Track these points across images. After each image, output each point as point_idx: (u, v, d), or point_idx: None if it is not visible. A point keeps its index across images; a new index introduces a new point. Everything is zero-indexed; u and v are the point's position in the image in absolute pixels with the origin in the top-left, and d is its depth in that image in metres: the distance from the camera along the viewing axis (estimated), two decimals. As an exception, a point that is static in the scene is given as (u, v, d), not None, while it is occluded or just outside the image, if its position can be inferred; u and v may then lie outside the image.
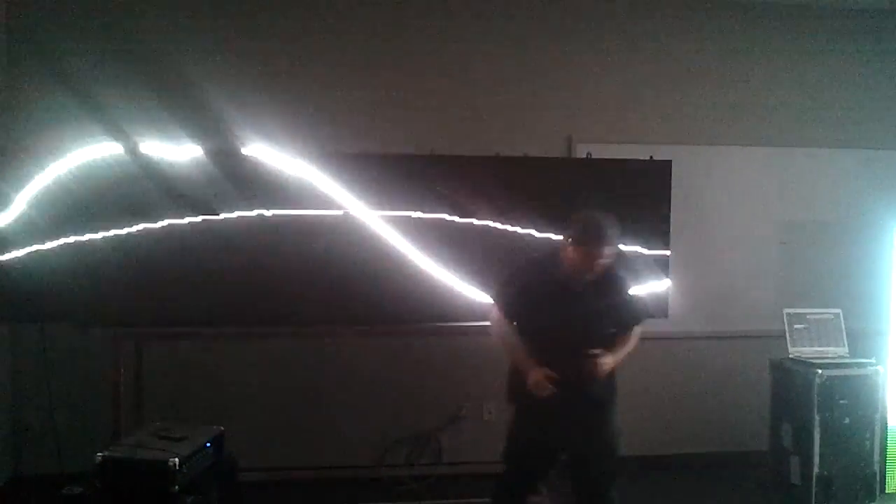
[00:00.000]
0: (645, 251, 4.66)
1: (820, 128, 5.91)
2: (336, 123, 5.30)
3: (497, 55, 5.57)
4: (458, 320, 4.59)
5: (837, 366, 4.98)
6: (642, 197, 4.62)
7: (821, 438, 4.91)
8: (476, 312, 4.51)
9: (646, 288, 4.72)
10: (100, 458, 3.33)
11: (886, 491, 5.15)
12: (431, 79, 5.51)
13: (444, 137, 5.37)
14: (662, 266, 4.66)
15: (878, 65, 5.97)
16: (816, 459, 4.91)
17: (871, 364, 5.03)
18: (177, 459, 3.31)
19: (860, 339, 5.25)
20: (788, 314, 5.19)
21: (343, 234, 4.45)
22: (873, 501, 4.99)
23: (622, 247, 4.34)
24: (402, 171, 4.54)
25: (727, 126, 5.82)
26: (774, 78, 5.87)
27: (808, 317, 5.21)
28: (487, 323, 3.89)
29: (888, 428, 5.16)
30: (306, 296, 4.39)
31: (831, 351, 5.16)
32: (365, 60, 5.44)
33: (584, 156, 4.99)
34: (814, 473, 4.92)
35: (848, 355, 5.15)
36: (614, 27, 5.70)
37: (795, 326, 5.17)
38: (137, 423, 4.27)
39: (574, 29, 5.65)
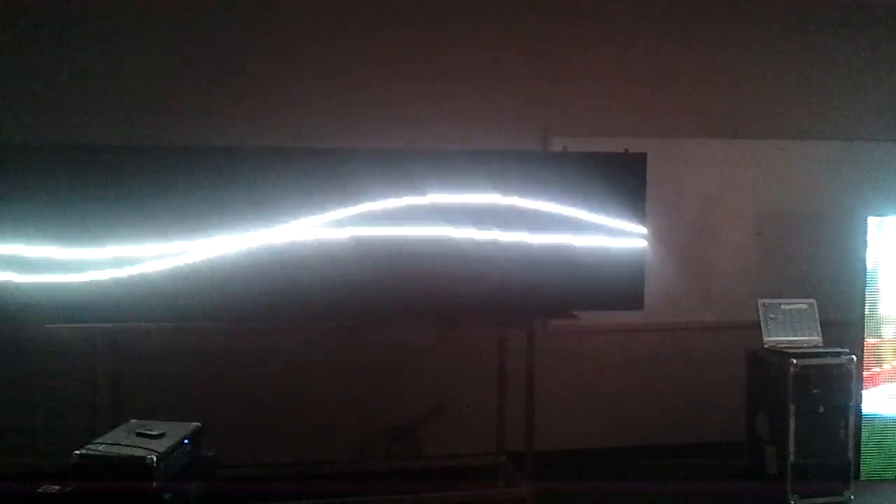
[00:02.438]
0: (621, 243, 4.67)
1: (794, 120, 5.98)
2: (310, 117, 5.31)
3: (473, 49, 5.58)
4: (436, 314, 4.58)
5: (812, 355, 5.04)
6: (618, 189, 4.64)
7: (796, 427, 4.96)
8: (454, 306, 4.53)
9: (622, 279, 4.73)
10: (76, 455, 3.31)
11: (861, 479, 5.22)
12: (406, 72, 5.51)
13: (420, 131, 5.38)
14: (638, 258, 4.68)
15: (852, 57, 6.03)
16: (792, 448, 4.96)
17: (844, 353, 5.08)
18: (154, 456, 3.29)
19: (834, 329, 5.31)
20: (763, 304, 5.24)
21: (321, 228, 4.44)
22: (848, 489, 5.04)
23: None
24: (378, 165, 4.53)
25: (702, 118, 5.87)
26: (749, 70, 5.91)
27: (782, 307, 5.25)
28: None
29: (862, 416, 5.22)
30: (284, 291, 4.37)
31: (806, 340, 5.21)
32: (336, 54, 5.43)
33: (561, 149, 5.00)
34: (789, 462, 4.97)
35: (822, 345, 5.20)
36: (590, 21, 5.72)
37: (770, 316, 5.22)
38: (114, 420, 4.24)
39: (549, 22, 5.67)
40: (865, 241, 5.22)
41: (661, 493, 5.29)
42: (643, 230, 4.67)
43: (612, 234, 4.64)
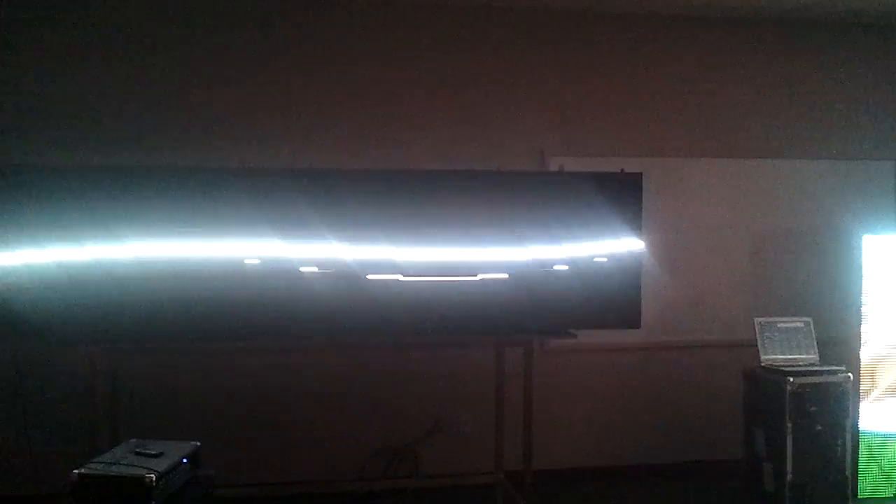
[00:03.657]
0: (618, 262, 4.69)
1: (789, 139, 6.01)
2: (310, 138, 5.36)
3: (470, 70, 5.63)
4: (435, 333, 4.60)
5: (808, 373, 5.04)
6: (615, 209, 4.66)
7: (793, 445, 4.96)
8: (452, 326, 4.55)
9: (618, 299, 4.74)
10: (75, 475, 3.31)
11: (858, 496, 5.21)
12: (403, 94, 5.56)
13: (417, 152, 5.43)
14: (635, 277, 4.70)
15: (845, 77, 6.08)
16: (789, 466, 4.97)
17: (841, 371, 5.09)
18: (153, 475, 3.29)
19: (830, 347, 5.32)
20: (760, 323, 5.25)
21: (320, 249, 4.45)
22: (846, 507, 5.07)
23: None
24: (378, 187, 4.55)
25: (698, 138, 5.91)
26: (744, 90, 5.96)
27: (779, 325, 5.27)
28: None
29: (859, 434, 5.23)
30: (282, 310, 4.38)
31: (802, 359, 5.22)
32: (336, 76, 5.49)
33: (557, 169, 5.03)
34: (787, 480, 4.97)
35: (819, 363, 5.21)
36: (586, 42, 5.77)
37: (767, 335, 5.23)
38: (113, 440, 4.25)
39: (546, 43, 5.72)
40: (860, 259, 5.24)
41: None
42: (640, 249, 4.69)
43: (608, 253, 4.66)
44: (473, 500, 5.11)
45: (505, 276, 4.55)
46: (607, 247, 4.66)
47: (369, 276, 4.44)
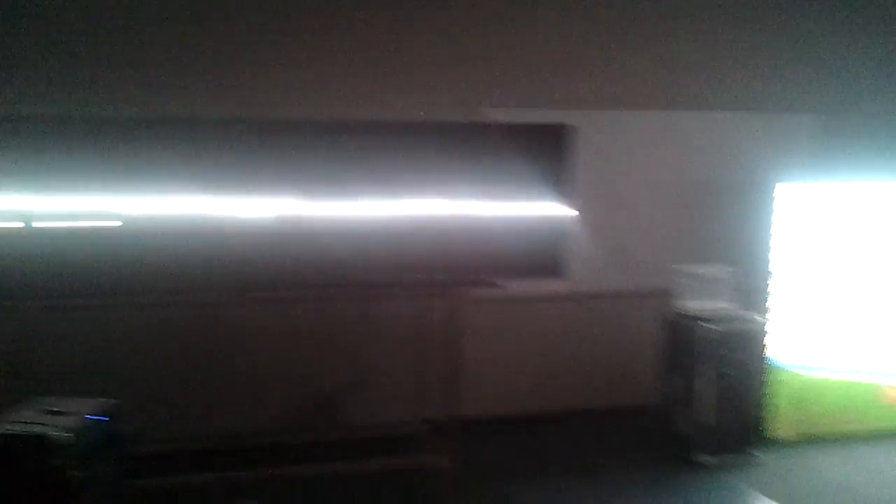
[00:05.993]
0: (546, 213, 4.70)
1: (711, 90, 6.05)
2: (215, 83, 5.20)
3: (398, 17, 5.47)
4: (359, 284, 4.56)
5: (723, 320, 5.17)
6: (543, 160, 4.65)
7: (706, 390, 5.10)
8: (376, 277, 4.52)
9: (543, 248, 4.76)
10: (-20, 434, 3.23)
11: (769, 439, 5.40)
12: (319, 29, 5.35)
13: (333, 98, 5.31)
14: (561, 227, 4.71)
15: (765, 28, 6.11)
16: (702, 409, 5.11)
17: (754, 318, 5.24)
18: (64, 434, 3.24)
19: (746, 295, 5.45)
20: (678, 271, 5.35)
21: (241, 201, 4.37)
22: (756, 448, 5.22)
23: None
24: (293, 136, 4.46)
25: (622, 91, 5.89)
26: (668, 41, 5.93)
27: (697, 274, 5.37)
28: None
29: (770, 379, 5.40)
30: (204, 262, 4.30)
31: (718, 306, 5.34)
32: (244, 14, 5.29)
33: (490, 120, 4.98)
34: (699, 423, 5.12)
35: (733, 310, 5.34)
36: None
37: (685, 283, 5.34)
38: (24, 399, 4.15)
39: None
40: (772, 208, 5.37)
41: (577, 457, 5.39)
42: (568, 200, 4.70)
43: (535, 204, 4.67)
44: (396, 450, 5.12)
45: (430, 226, 4.54)
46: (534, 197, 4.66)
47: (284, 227, 4.38)
